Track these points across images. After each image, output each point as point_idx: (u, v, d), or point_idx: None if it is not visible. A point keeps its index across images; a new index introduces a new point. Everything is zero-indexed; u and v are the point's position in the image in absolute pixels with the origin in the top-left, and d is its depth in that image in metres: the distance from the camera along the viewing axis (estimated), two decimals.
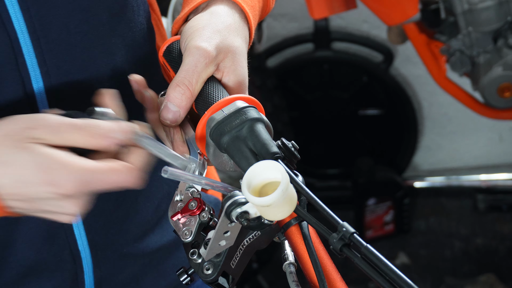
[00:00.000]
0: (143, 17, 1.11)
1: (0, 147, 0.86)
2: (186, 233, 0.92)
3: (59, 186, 0.86)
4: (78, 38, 1.01)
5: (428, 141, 3.17)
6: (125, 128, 0.89)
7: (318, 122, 3.09)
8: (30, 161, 0.85)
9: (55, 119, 0.87)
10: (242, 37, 1.02)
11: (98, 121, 0.89)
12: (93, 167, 0.87)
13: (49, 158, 0.85)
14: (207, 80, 0.98)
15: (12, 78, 0.98)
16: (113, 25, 1.04)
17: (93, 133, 0.87)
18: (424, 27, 2.47)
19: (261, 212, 0.85)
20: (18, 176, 0.86)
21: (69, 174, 0.85)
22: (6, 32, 0.96)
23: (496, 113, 2.55)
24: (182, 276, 0.92)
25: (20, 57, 0.98)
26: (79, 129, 0.87)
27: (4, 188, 0.86)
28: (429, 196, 3.14)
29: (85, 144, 0.88)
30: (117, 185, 0.88)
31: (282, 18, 2.99)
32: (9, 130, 0.87)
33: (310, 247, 0.87)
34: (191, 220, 0.92)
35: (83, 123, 0.88)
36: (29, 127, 0.86)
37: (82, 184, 0.86)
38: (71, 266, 1.11)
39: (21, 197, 0.87)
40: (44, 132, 0.86)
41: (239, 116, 0.90)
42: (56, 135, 0.87)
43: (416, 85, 3.06)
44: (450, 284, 2.80)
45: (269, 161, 0.84)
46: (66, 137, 0.87)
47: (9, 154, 0.86)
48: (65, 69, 1.01)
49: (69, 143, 0.87)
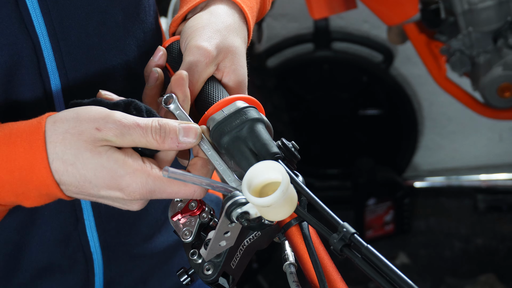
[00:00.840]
0: (153, 17, 1.11)
1: (70, 148, 0.86)
2: (186, 233, 0.92)
3: (126, 192, 0.87)
4: (95, 40, 1.01)
5: (428, 141, 3.17)
6: (194, 132, 0.89)
7: (318, 122, 3.09)
8: (99, 166, 0.86)
9: (123, 120, 0.87)
10: (241, 37, 1.02)
11: (166, 123, 0.88)
12: (159, 176, 0.87)
13: (119, 164, 0.86)
14: (207, 80, 0.97)
15: (33, 80, 0.98)
16: (127, 26, 1.05)
17: (162, 137, 0.87)
18: (424, 27, 2.47)
19: (261, 213, 0.85)
20: (86, 177, 0.86)
21: (137, 183, 0.86)
22: (29, 36, 0.96)
23: (496, 113, 2.55)
24: (183, 276, 0.92)
25: (41, 60, 0.98)
26: (147, 131, 0.87)
27: (66, 185, 0.87)
28: (429, 196, 3.14)
29: (153, 147, 0.88)
30: (179, 196, 0.89)
31: (282, 18, 2.99)
32: (78, 130, 0.86)
33: (311, 247, 0.87)
34: (191, 220, 0.92)
35: (151, 125, 0.87)
36: (98, 128, 0.86)
37: (147, 193, 0.87)
38: (83, 267, 1.11)
39: (86, 193, 0.88)
40: (113, 134, 0.86)
41: (239, 116, 0.90)
42: (125, 138, 0.86)
43: (416, 85, 3.06)
44: (450, 284, 2.80)
45: (269, 161, 0.84)
46: (134, 140, 0.87)
47: (78, 156, 0.86)
48: (82, 71, 1.01)
49: (137, 145, 0.88)
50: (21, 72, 0.97)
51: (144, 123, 0.87)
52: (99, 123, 0.86)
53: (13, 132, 0.87)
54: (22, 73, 0.97)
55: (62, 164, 0.86)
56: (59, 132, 0.86)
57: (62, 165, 0.86)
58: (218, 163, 0.90)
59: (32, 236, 1.06)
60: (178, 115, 0.92)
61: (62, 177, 0.86)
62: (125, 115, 0.87)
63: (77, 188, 0.87)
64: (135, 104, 0.90)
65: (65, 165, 0.86)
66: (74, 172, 0.86)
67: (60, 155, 0.86)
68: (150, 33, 1.10)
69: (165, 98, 0.92)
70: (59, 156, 0.86)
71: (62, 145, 0.86)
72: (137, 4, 1.06)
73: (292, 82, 3.02)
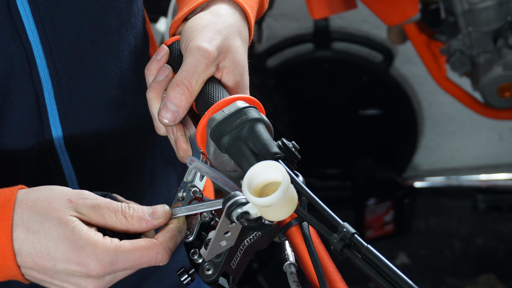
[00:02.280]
0: (141, 22, 1.11)
1: (37, 214, 0.85)
2: (188, 232, 0.92)
3: (85, 265, 0.85)
4: (88, 46, 1.01)
5: (428, 141, 3.17)
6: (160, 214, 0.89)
7: (318, 122, 3.09)
8: (63, 235, 0.84)
9: (94, 197, 0.87)
10: (242, 37, 1.02)
11: (134, 205, 0.88)
12: (119, 247, 0.86)
13: (82, 235, 0.84)
14: (207, 80, 0.97)
15: (26, 89, 0.98)
16: (121, 32, 1.05)
17: (131, 216, 0.87)
18: (424, 27, 2.47)
19: (261, 213, 0.85)
20: (46, 247, 0.85)
21: (97, 254, 0.84)
22: (22, 44, 0.96)
23: (496, 113, 2.55)
24: (183, 276, 0.92)
25: (33, 68, 0.98)
26: (117, 209, 0.87)
27: (23, 256, 0.85)
28: (429, 196, 3.14)
29: (122, 227, 0.87)
30: (142, 264, 0.87)
31: (282, 18, 2.99)
32: (50, 199, 0.86)
33: (311, 247, 0.87)
34: (193, 219, 0.92)
35: (121, 205, 0.88)
36: (71, 200, 0.86)
37: (109, 264, 0.85)
38: None
39: (41, 268, 0.86)
40: (83, 207, 0.86)
41: (240, 116, 0.90)
42: (94, 211, 0.86)
43: (416, 85, 3.06)
44: (450, 284, 2.80)
45: (269, 161, 0.84)
46: (103, 214, 0.87)
47: (43, 222, 0.85)
48: (74, 78, 1.01)
49: (106, 222, 0.87)
50: (13, 79, 0.96)
51: (116, 203, 0.88)
52: (73, 195, 0.87)
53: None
54: (14, 81, 0.96)
55: (25, 231, 0.85)
56: (30, 199, 0.86)
57: (24, 233, 0.85)
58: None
59: None
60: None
61: (21, 246, 0.85)
62: (98, 196, 0.88)
63: (33, 261, 0.85)
64: (110, 196, 0.91)
65: (27, 233, 0.85)
66: (34, 241, 0.85)
67: (26, 221, 0.85)
68: (140, 38, 1.09)
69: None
70: (24, 223, 0.85)
71: (30, 211, 0.85)
72: (128, 10, 1.06)
73: (292, 82, 3.02)
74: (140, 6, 1.11)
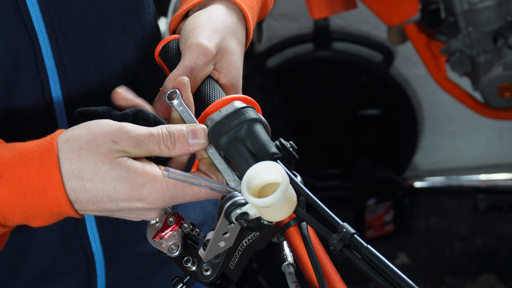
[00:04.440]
0: (152, 15, 1.11)
1: (87, 163, 0.85)
2: (173, 247, 0.92)
3: (147, 201, 0.86)
4: (93, 37, 1.01)
5: (428, 141, 3.17)
6: (202, 132, 0.90)
7: (318, 122, 3.09)
8: (119, 177, 0.85)
9: (137, 131, 0.87)
10: (239, 38, 1.02)
11: (173, 129, 0.88)
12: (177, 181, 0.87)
13: (138, 173, 0.86)
14: (204, 80, 0.97)
15: (32, 78, 0.98)
16: (126, 23, 1.05)
17: (173, 143, 0.88)
18: (424, 27, 2.47)
19: (260, 213, 0.85)
20: (105, 191, 0.86)
21: (158, 189, 0.86)
22: (27, 33, 0.96)
23: (496, 113, 2.55)
24: (178, 285, 0.92)
25: (39, 57, 0.97)
26: (160, 139, 0.87)
27: (82, 203, 0.86)
28: (429, 196, 3.14)
29: (165, 154, 0.88)
30: (200, 197, 0.88)
31: (282, 18, 2.99)
32: (94, 145, 0.86)
33: (310, 247, 0.87)
34: (175, 235, 0.92)
35: (161, 132, 0.88)
36: (114, 141, 0.86)
37: (170, 198, 0.87)
38: (85, 268, 1.11)
39: (103, 209, 0.88)
40: (129, 145, 0.86)
41: (238, 116, 0.90)
42: (140, 148, 0.87)
43: (416, 85, 3.06)
44: (450, 284, 2.80)
45: (268, 162, 0.84)
46: (149, 149, 0.87)
47: (96, 170, 0.85)
48: (80, 68, 1.01)
49: (151, 154, 0.88)
50: (19, 69, 0.96)
51: (156, 132, 0.88)
52: (114, 135, 0.86)
53: (23, 154, 0.86)
54: (19, 70, 0.96)
55: (79, 181, 0.85)
56: (74, 149, 0.86)
57: (79, 183, 0.85)
58: (219, 161, 0.90)
59: (33, 239, 1.06)
60: (181, 111, 0.91)
61: (78, 195, 0.86)
62: (137, 126, 0.87)
63: (94, 205, 0.87)
64: (142, 113, 0.90)
65: (82, 182, 0.85)
66: (91, 188, 0.85)
67: (77, 172, 0.85)
68: (148, 31, 1.09)
69: (168, 94, 0.92)
70: (75, 174, 0.85)
71: (78, 162, 0.85)
72: (135, 2, 1.06)
73: (292, 82, 3.02)
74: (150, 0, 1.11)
